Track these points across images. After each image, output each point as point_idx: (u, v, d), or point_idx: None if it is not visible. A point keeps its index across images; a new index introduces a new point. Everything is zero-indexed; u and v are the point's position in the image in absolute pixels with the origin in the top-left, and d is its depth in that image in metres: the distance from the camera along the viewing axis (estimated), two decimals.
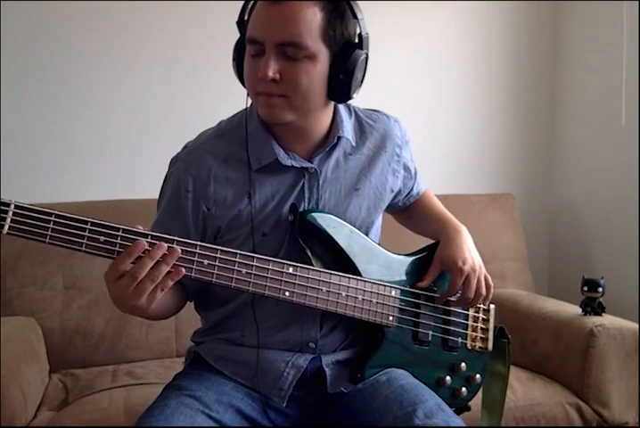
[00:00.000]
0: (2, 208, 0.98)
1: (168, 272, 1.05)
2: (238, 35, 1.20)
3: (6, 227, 0.99)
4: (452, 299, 1.32)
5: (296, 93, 1.14)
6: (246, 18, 1.18)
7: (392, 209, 1.45)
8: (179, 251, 1.06)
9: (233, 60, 1.21)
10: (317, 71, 1.14)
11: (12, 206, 0.99)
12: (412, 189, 1.45)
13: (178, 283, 1.22)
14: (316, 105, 1.19)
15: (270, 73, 1.11)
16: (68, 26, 2.24)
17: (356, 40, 1.17)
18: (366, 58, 1.18)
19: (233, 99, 1.29)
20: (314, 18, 1.12)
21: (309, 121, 1.22)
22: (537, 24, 2.69)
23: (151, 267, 1.04)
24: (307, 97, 1.16)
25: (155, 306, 1.08)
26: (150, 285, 1.04)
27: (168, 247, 1.05)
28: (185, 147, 1.28)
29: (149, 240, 1.07)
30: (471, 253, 1.33)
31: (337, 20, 1.14)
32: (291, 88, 1.14)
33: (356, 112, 1.33)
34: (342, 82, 1.16)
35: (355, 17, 1.15)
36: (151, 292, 1.04)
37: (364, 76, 1.19)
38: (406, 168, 1.39)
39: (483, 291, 1.32)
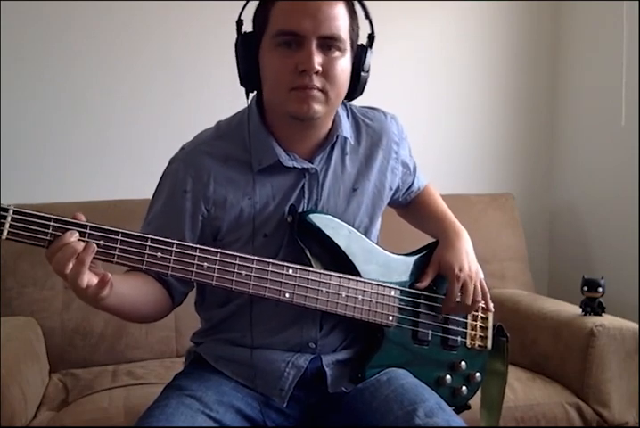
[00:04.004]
0: (0, 213, 0.97)
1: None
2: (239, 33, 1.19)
3: (5, 233, 0.98)
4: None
5: (333, 86, 1.16)
6: (262, 12, 1.17)
7: (393, 204, 1.45)
8: (82, 217, 1.03)
9: (243, 59, 1.18)
10: (347, 66, 1.18)
11: (11, 211, 0.98)
12: (412, 185, 1.44)
13: (162, 285, 1.22)
14: (340, 103, 1.22)
15: (316, 65, 1.12)
16: (68, 26, 2.24)
17: (367, 40, 1.22)
18: None
19: (233, 99, 1.29)
20: (345, 14, 1.16)
21: (326, 118, 1.23)
22: (537, 24, 2.69)
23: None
24: (340, 91, 1.19)
25: (119, 299, 1.07)
26: (66, 260, 0.98)
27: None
28: (183, 148, 1.27)
29: (148, 243, 1.07)
30: (468, 258, 1.33)
31: (356, 19, 1.19)
32: (330, 81, 1.15)
33: (352, 111, 1.33)
34: (363, 79, 1.21)
35: (367, 17, 1.20)
36: (74, 267, 0.99)
37: None
38: (405, 165, 1.39)
39: (479, 297, 1.32)
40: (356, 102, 1.32)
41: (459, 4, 2.59)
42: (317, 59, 1.13)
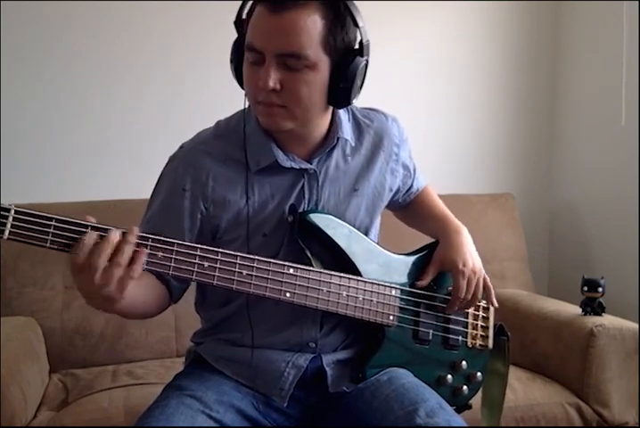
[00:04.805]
0: (2, 213, 0.97)
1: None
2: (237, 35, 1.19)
3: (7, 233, 0.97)
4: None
5: (296, 103, 1.14)
6: (244, 17, 1.16)
7: (392, 206, 1.45)
8: (136, 229, 1.02)
9: (231, 62, 1.20)
10: (318, 80, 1.14)
11: (13, 211, 0.98)
12: (411, 186, 1.45)
13: (160, 282, 1.22)
14: (316, 113, 1.19)
15: (271, 83, 1.10)
16: (68, 26, 2.24)
17: (357, 47, 1.16)
18: (366, 65, 1.17)
19: (233, 99, 1.28)
20: (314, 27, 1.10)
21: (309, 128, 1.22)
22: (537, 24, 2.69)
23: (115, 253, 0.98)
24: (307, 107, 1.15)
25: (128, 300, 1.04)
26: (117, 271, 0.98)
27: (123, 232, 1.00)
28: (182, 147, 1.27)
29: (149, 243, 1.06)
30: (471, 255, 1.33)
31: (338, 27, 1.13)
32: (292, 99, 1.13)
33: (353, 112, 1.33)
34: (342, 89, 1.16)
35: (356, 25, 1.14)
36: (121, 279, 0.99)
37: (363, 82, 1.18)
38: (405, 167, 1.39)
39: (480, 293, 1.32)
40: (357, 103, 1.31)
41: (459, 4, 2.59)
42: (274, 77, 1.10)
